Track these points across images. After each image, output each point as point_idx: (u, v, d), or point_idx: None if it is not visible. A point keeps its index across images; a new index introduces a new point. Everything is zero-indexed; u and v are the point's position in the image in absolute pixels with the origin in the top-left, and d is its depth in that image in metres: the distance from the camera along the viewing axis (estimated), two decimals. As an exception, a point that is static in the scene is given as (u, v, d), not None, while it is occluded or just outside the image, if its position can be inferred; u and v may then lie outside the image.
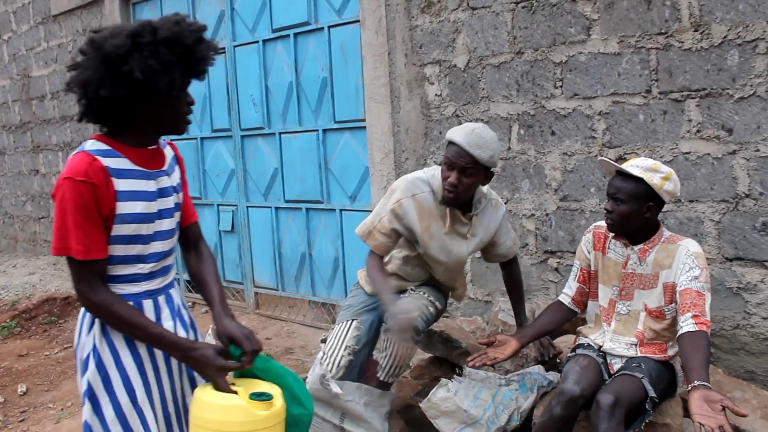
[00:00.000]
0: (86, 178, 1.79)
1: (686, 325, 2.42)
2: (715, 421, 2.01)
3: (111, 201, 1.83)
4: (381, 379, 2.99)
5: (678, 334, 2.45)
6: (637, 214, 2.57)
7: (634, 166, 2.57)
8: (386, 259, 3.10)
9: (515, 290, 3.24)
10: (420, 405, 2.91)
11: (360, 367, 2.99)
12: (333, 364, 2.92)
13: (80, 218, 1.79)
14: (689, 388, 2.21)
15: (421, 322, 2.86)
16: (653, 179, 2.52)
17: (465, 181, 2.71)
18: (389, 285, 2.88)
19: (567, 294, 2.91)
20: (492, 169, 2.80)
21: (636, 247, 2.66)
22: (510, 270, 3.23)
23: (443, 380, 2.89)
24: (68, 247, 1.81)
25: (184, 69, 1.88)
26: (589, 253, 2.82)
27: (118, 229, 1.87)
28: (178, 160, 2.14)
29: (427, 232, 2.89)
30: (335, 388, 2.82)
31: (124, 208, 1.86)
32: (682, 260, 2.54)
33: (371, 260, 2.97)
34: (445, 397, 2.82)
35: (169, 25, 1.86)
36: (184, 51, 1.86)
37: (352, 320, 3.01)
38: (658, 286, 2.61)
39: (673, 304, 2.57)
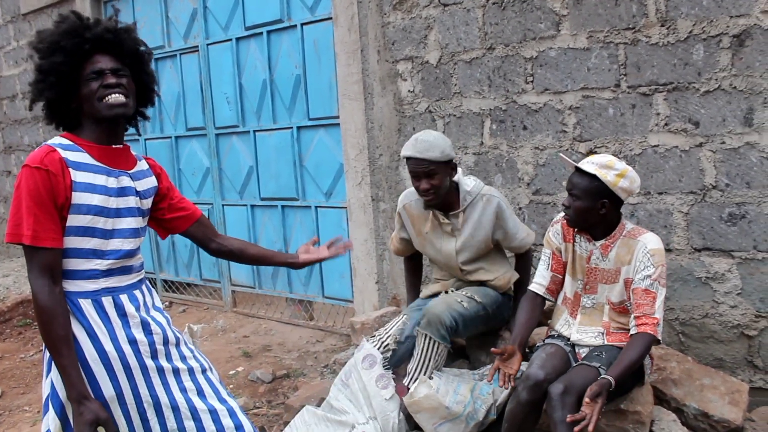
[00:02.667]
0: (41, 165, 1.83)
1: (632, 327, 2.60)
2: (590, 408, 2.33)
3: (66, 190, 1.86)
4: (407, 385, 3.01)
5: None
6: (591, 211, 2.61)
7: (590, 162, 2.60)
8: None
9: (520, 285, 3.28)
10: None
11: (399, 359, 3.15)
12: (380, 344, 3.16)
13: (32, 204, 1.82)
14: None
15: (449, 316, 2.96)
16: (607, 176, 2.55)
17: (434, 182, 2.99)
18: (411, 289, 3.54)
19: (540, 284, 2.91)
20: (451, 161, 3.03)
21: (598, 243, 2.70)
22: (522, 264, 3.32)
23: (422, 377, 2.93)
24: (20, 233, 1.82)
25: (64, 51, 1.94)
26: (560, 243, 2.85)
27: (73, 220, 1.89)
28: (155, 171, 2.19)
29: (420, 235, 3.25)
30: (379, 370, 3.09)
31: (79, 198, 1.88)
32: (639, 258, 2.60)
33: (403, 266, 3.62)
34: (428, 394, 2.86)
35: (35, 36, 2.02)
36: (57, 38, 1.95)
37: (404, 315, 3.26)
38: (620, 281, 2.66)
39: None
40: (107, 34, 1.99)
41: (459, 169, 3.17)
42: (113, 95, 1.94)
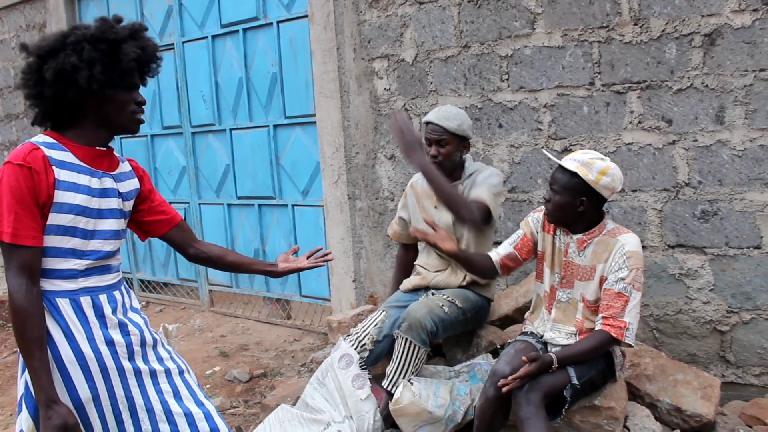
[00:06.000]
0: (24, 163, 1.81)
1: (597, 323, 2.61)
2: (523, 371, 2.48)
3: (49, 188, 1.84)
4: (386, 388, 3.03)
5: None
6: (570, 207, 2.61)
7: (572, 159, 2.60)
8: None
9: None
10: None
11: (376, 358, 3.19)
12: (357, 343, 3.17)
13: (13, 202, 1.79)
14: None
15: (431, 321, 2.96)
16: (588, 175, 2.54)
17: (442, 151, 3.11)
18: (396, 284, 3.51)
19: (498, 252, 2.90)
20: (466, 138, 3.16)
21: (575, 237, 2.69)
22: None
23: (404, 382, 2.93)
24: (0, 231, 1.80)
25: (110, 65, 1.90)
26: (537, 232, 2.84)
27: (54, 218, 1.86)
28: (138, 173, 2.18)
29: (424, 211, 3.30)
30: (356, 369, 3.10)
31: (62, 197, 1.86)
32: (615, 258, 2.58)
33: (396, 257, 3.66)
34: (413, 400, 2.86)
35: (97, 23, 1.93)
36: (111, 47, 1.90)
37: (382, 311, 3.26)
38: (595, 278, 2.65)
39: None
40: (155, 59, 2.03)
41: (469, 155, 3.28)
42: (142, 114, 2.03)
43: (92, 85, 1.88)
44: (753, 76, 2.99)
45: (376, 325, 3.17)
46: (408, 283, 3.37)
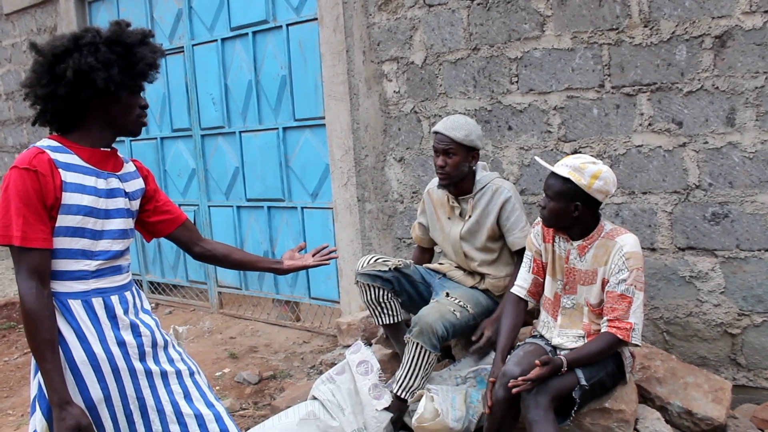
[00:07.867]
0: (30, 166, 1.83)
1: (602, 326, 2.62)
2: (534, 373, 2.46)
3: (56, 191, 1.86)
4: (397, 393, 3.01)
5: None
6: (564, 212, 2.62)
7: (564, 165, 2.60)
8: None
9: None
10: (412, 426, 2.91)
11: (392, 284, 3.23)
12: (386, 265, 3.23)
13: (21, 205, 1.82)
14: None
15: (442, 326, 2.96)
16: (581, 179, 2.55)
17: (449, 161, 3.09)
18: None
19: (522, 287, 2.92)
20: (475, 149, 3.13)
21: (575, 243, 2.70)
22: (517, 261, 3.22)
23: (425, 393, 2.90)
24: (10, 234, 1.82)
25: (125, 68, 1.94)
26: (540, 245, 2.86)
27: (63, 220, 1.88)
28: (142, 173, 2.20)
29: (439, 221, 3.35)
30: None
31: (70, 199, 1.89)
32: (615, 260, 2.60)
33: (413, 254, 3.67)
34: (438, 420, 2.82)
35: (112, 27, 1.96)
36: (125, 50, 1.94)
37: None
38: (597, 282, 2.66)
39: None
40: (155, 66, 2.05)
41: (483, 163, 3.27)
42: (146, 117, 2.08)
43: (110, 86, 1.90)
44: (764, 77, 2.97)
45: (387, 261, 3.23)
46: (431, 265, 3.42)
